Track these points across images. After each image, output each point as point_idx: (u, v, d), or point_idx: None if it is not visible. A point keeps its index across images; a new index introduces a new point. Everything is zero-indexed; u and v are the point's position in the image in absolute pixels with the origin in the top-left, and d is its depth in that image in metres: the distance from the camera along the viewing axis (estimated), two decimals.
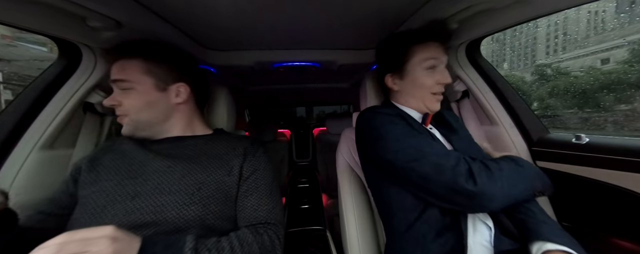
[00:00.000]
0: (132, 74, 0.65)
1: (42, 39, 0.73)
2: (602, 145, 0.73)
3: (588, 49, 18.48)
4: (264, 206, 0.63)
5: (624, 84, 13.59)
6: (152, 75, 0.67)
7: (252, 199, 0.64)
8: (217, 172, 0.63)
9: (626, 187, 0.67)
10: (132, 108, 0.65)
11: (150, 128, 0.69)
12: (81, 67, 0.81)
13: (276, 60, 1.21)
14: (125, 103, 0.65)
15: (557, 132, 0.90)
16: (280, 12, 0.76)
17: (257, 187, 0.65)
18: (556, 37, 26.82)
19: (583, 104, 13.25)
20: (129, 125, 0.66)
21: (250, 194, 0.64)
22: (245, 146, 0.70)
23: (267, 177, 0.68)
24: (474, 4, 0.67)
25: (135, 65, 0.65)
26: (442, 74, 0.72)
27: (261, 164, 0.69)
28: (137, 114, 0.66)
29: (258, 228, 0.59)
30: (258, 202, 0.64)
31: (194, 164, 0.63)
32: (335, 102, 3.00)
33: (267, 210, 0.63)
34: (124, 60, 0.66)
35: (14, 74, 6.22)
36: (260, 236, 0.57)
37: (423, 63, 0.71)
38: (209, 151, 0.67)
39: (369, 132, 0.71)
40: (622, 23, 19.81)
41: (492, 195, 0.53)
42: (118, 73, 0.65)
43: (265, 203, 0.64)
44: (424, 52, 0.71)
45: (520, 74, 23.01)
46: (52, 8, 0.58)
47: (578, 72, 16.42)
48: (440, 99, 0.74)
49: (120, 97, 0.65)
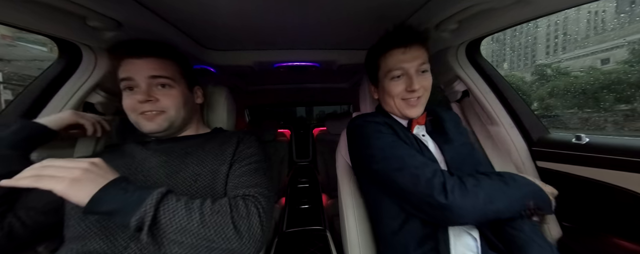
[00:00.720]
0: (174, 74, 0.69)
1: (42, 39, 0.73)
2: (602, 145, 0.73)
3: (588, 49, 18.48)
4: (246, 181, 0.61)
5: (624, 84, 13.59)
6: (186, 77, 0.73)
7: (237, 178, 0.62)
8: (212, 162, 0.64)
9: (626, 187, 0.67)
10: (172, 104, 0.68)
11: (177, 126, 0.71)
12: (81, 67, 0.81)
13: (276, 60, 1.21)
14: (163, 100, 0.66)
15: (557, 133, 0.91)
16: (280, 12, 0.76)
17: (242, 167, 0.64)
18: (556, 37, 26.87)
19: (583, 104, 13.25)
20: (165, 121, 0.67)
21: (236, 173, 0.63)
22: (239, 136, 0.73)
23: (254, 159, 0.67)
24: (474, 4, 0.67)
25: (173, 66, 0.70)
26: (409, 80, 0.69)
27: (251, 149, 0.69)
28: (176, 111, 0.68)
29: (237, 198, 0.56)
30: (241, 179, 0.62)
31: (189, 157, 0.65)
32: (335, 102, 3.00)
33: (249, 185, 0.60)
34: (160, 60, 0.67)
35: (14, 74, 6.22)
36: (236, 203, 0.54)
37: (388, 74, 0.72)
38: (204, 145, 0.69)
39: (359, 140, 0.73)
40: (622, 23, 19.84)
41: (462, 209, 0.53)
42: (160, 70, 0.66)
43: (248, 179, 0.62)
44: (387, 63, 0.71)
45: (521, 74, 23.03)
46: (52, 8, 0.58)
47: (578, 72, 16.42)
48: (416, 104, 0.71)
49: (157, 94, 0.66)
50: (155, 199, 0.46)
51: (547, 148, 0.87)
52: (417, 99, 0.71)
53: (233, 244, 0.48)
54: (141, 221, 0.44)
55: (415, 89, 0.68)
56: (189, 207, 0.48)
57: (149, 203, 0.45)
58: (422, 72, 0.70)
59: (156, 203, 0.46)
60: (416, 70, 0.69)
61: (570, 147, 0.80)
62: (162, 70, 0.67)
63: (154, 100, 0.65)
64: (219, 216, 0.49)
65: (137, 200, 0.45)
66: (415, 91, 0.69)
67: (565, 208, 0.84)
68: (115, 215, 0.45)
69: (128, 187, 0.47)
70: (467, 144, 0.78)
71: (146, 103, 0.65)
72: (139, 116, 0.66)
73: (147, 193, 0.47)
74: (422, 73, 0.71)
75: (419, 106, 0.72)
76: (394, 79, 0.71)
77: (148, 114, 0.66)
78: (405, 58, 0.68)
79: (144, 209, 0.44)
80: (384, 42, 0.73)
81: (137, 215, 0.44)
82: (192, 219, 0.47)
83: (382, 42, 0.73)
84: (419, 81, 0.69)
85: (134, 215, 0.44)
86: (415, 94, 0.69)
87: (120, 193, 0.46)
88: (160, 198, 0.47)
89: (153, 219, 0.45)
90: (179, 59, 0.73)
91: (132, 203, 0.45)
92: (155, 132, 0.68)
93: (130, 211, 0.44)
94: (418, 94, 0.70)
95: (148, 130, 0.67)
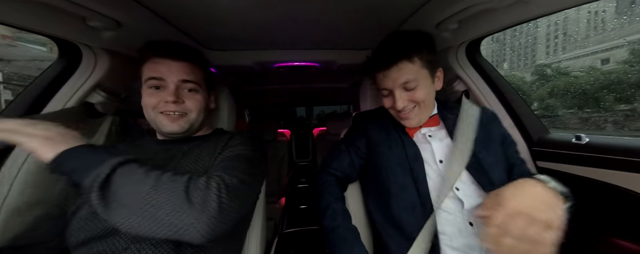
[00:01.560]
0: (200, 79, 0.71)
1: (42, 39, 0.73)
2: (602, 145, 0.73)
3: (588, 49, 18.48)
4: (222, 165, 0.59)
5: (624, 84, 13.59)
6: (208, 82, 0.76)
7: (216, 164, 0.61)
8: (205, 161, 0.65)
9: (626, 187, 0.67)
10: (195, 108, 0.69)
11: (194, 129, 0.72)
12: (81, 67, 0.81)
13: (276, 60, 1.21)
14: (188, 103, 0.68)
15: (558, 132, 0.90)
16: (280, 12, 0.76)
17: (223, 154, 0.63)
18: (556, 37, 26.87)
19: (583, 104, 13.25)
20: (186, 124, 0.69)
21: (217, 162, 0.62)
22: (233, 133, 0.73)
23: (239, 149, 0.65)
24: (474, 4, 0.67)
25: (200, 72, 0.72)
26: (393, 98, 0.69)
27: (239, 141, 0.68)
28: (197, 114, 0.70)
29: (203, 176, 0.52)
30: (219, 164, 0.59)
31: (186, 157, 0.65)
32: (335, 102, 3.00)
33: (223, 167, 0.57)
34: (192, 65, 0.69)
35: (14, 74, 6.22)
36: (198, 178, 0.50)
37: (380, 91, 0.74)
38: (202, 144, 0.70)
39: None
40: (622, 23, 19.84)
41: None
42: (190, 75, 0.68)
43: (225, 164, 0.59)
44: (376, 80, 0.74)
45: (521, 74, 23.01)
46: (52, 8, 0.58)
47: (578, 72, 16.42)
48: (408, 117, 0.71)
49: (184, 97, 0.68)
50: (116, 161, 0.46)
51: (547, 148, 0.87)
52: (410, 111, 0.70)
53: (181, 215, 0.44)
54: (94, 179, 0.44)
55: (399, 109, 0.69)
56: (148, 174, 0.47)
57: (108, 164, 0.45)
58: (410, 87, 0.67)
59: (115, 164, 0.46)
60: (402, 87, 0.68)
61: (570, 147, 0.80)
62: (192, 75, 0.68)
63: (180, 102, 0.67)
64: (174, 183, 0.47)
65: (99, 160, 0.46)
66: (401, 110, 0.70)
67: None
68: (74, 173, 0.45)
69: (96, 151, 0.48)
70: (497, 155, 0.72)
71: (173, 104, 0.65)
72: (161, 115, 0.66)
73: (111, 156, 0.47)
74: (412, 89, 0.68)
75: (414, 117, 0.72)
76: (384, 95, 0.73)
77: (171, 114, 0.67)
78: (386, 80, 0.69)
79: (101, 168, 0.45)
80: (366, 65, 0.75)
81: (93, 173, 0.44)
82: (145, 183, 0.46)
83: (366, 66, 0.76)
84: (405, 96, 0.68)
85: (89, 174, 0.44)
86: (402, 112, 0.70)
87: (86, 154, 0.47)
88: (122, 161, 0.47)
89: (106, 179, 0.44)
90: (205, 65, 0.75)
91: (94, 163, 0.46)
92: (175, 133, 0.68)
93: (87, 170, 0.45)
94: (408, 108, 0.70)
95: (168, 130, 0.67)
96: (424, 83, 0.69)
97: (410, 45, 0.67)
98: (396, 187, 0.70)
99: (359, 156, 0.80)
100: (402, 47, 0.67)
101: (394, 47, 0.68)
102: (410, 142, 0.74)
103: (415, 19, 0.82)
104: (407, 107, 0.70)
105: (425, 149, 0.73)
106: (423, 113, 0.73)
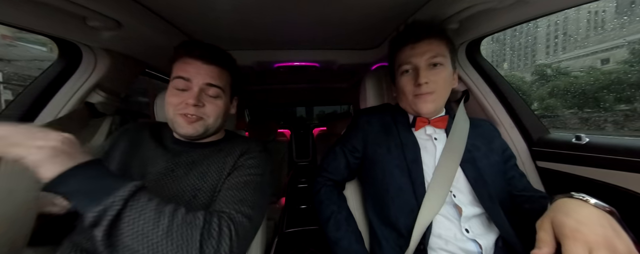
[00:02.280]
0: (225, 85, 0.69)
1: (42, 39, 0.73)
2: (602, 145, 0.73)
3: (588, 49, 18.47)
4: (232, 196, 0.57)
5: (624, 84, 13.58)
6: (234, 87, 0.75)
7: (225, 190, 0.59)
8: (213, 177, 0.63)
9: (626, 187, 0.67)
10: (214, 113, 0.67)
11: (209, 133, 0.70)
12: (81, 67, 0.81)
13: (276, 60, 1.21)
14: (208, 107, 0.66)
15: (558, 132, 0.90)
16: (280, 12, 0.76)
17: (234, 178, 0.62)
18: (556, 37, 26.86)
19: (583, 104, 13.23)
20: (202, 127, 0.67)
21: (226, 185, 0.61)
22: (244, 146, 0.70)
23: (251, 172, 0.64)
24: (474, 4, 0.67)
25: (228, 77, 0.70)
26: (417, 74, 0.68)
27: (251, 160, 0.67)
28: (215, 119, 0.68)
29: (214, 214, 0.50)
30: (228, 193, 0.58)
31: (193, 169, 0.64)
32: (335, 102, 3.00)
33: (233, 200, 0.56)
34: (220, 69, 0.67)
35: (14, 74, 6.21)
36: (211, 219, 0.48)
37: (399, 69, 0.73)
38: (211, 156, 0.68)
39: None
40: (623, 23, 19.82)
41: None
42: (216, 79, 0.66)
43: (234, 193, 0.57)
44: (398, 58, 0.73)
45: (521, 74, 23.00)
46: (52, 8, 0.58)
47: (578, 72, 16.40)
48: (427, 99, 0.69)
49: (205, 101, 0.66)
50: (129, 192, 0.40)
51: (547, 148, 0.87)
52: (429, 94, 0.68)
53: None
54: (102, 214, 0.38)
55: (422, 83, 0.66)
56: (160, 210, 0.43)
57: (119, 195, 0.39)
58: (433, 65, 0.68)
59: (128, 197, 0.40)
60: (426, 63, 0.68)
61: (570, 147, 0.79)
62: (218, 79, 0.67)
63: (200, 105, 0.65)
64: (188, 228, 0.44)
65: (107, 187, 0.40)
66: (422, 85, 0.67)
67: None
68: (76, 197, 0.39)
69: (100, 171, 0.42)
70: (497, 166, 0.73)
71: (193, 107, 0.64)
72: (179, 115, 0.65)
73: (120, 182, 0.41)
74: (434, 67, 0.68)
75: (431, 101, 0.69)
76: (404, 73, 0.71)
77: (190, 117, 0.65)
78: (414, 53, 0.68)
79: (112, 200, 0.39)
80: (396, 40, 0.74)
81: (101, 206, 0.38)
82: (159, 224, 0.42)
83: (395, 40, 0.74)
84: (428, 75, 0.67)
85: (97, 205, 0.38)
86: (423, 88, 0.67)
87: (95, 174, 0.41)
88: (133, 191, 0.41)
89: (117, 216, 0.39)
90: (234, 70, 0.73)
91: (101, 190, 0.39)
92: (189, 136, 0.67)
93: (95, 200, 0.38)
94: (428, 88, 0.67)
95: (183, 132, 0.66)
96: (447, 69, 0.70)
97: (438, 28, 0.71)
98: (393, 190, 0.70)
99: (354, 157, 0.80)
100: (432, 26, 0.70)
101: (426, 24, 0.71)
102: (409, 143, 0.73)
103: (416, 19, 0.82)
104: (429, 85, 0.67)
105: (427, 149, 0.72)
106: (439, 101, 0.71)
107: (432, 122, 0.73)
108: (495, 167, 0.71)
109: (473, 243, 0.64)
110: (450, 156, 0.69)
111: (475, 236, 0.64)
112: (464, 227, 0.65)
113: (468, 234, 0.64)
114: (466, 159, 0.69)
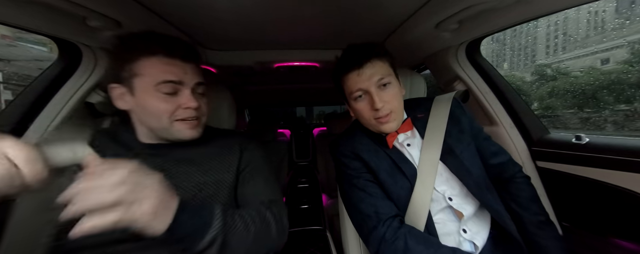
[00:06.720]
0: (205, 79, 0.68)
1: (42, 39, 0.73)
2: (602, 145, 0.73)
3: (588, 49, 18.48)
4: (261, 191, 0.67)
5: (624, 84, 13.58)
6: None
7: (250, 187, 0.67)
8: (216, 172, 0.64)
9: (626, 187, 0.67)
10: (206, 111, 0.68)
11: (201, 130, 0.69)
12: (81, 67, 0.81)
13: (276, 60, 1.21)
14: (202, 106, 0.65)
15: (557, 132, 0.91)
16: (280, 12, 0.76)
17: (253, 176, 0.68)
18: (556, 37, 26.92)
19: (583, 104, 13.23)
20: (201, 128, 0.66)
21: (247, 183, 0.67)
22: (240, 141, 0.73)
23: (261, 166, 0.72)
24: (474, 4, 0.67)
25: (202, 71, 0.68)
26: (371, 99, 0.67)
27: (255, 155, 0.73)
28: (206, 117, 0.69)
29: (262, 207, 0.61)
30: (255, 189, 0.67)
31: (192, 166, 0.63)
32: (335, 102, 2.99)
33: (265, 194, 0.66)
34: (197, 65, 0.65)
35: (14, 74, 6.21)
36: (271, 211, 0.60)
37: (351, 95, 0.71)
38: (205, 152, 0.67)
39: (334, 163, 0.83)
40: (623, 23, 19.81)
41: None
42: (200, 76, 0.65)
43: (262, 188, 0.67)
44: (347, 85, 0.71)
45: (521, 74, 23.02)
46: (52, 8, 0.58)
47: (578, 72, 16.41)
48: (387, 120, 0.69)
49: (198, 101, 0.63)
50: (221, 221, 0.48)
51: (547, 148, 0.87)
52: (388, 115, 0.68)
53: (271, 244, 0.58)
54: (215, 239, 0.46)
55: (378, 108, 0.66)
56: (244, 221, 0.53)
57: (216, 226, 0.47)
58: (383, 85, 0.68)
59: (223, 226, 0.48)
60: (376, 86, 0.67)
61: (570, 147, 0.80)
62: (201, 76, 0.65)
63: (198, 106, 0.63)
64: (265, 225, 0.57)
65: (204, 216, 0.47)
66: (379, 109, 0.67)
67: (565, 208, 0.84)
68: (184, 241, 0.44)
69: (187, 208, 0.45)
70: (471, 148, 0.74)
71: (194, 110, 0.61)
72: (177, 122, 0.60)
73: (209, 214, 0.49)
74: (384, 87, 0.68)
75: (393, 120, 0.69)
76: (358, 99, 0.70)
77: (190, 121, 0.62)
78: (361, 78, 0.67)
79: (215, 233, 0.47)
80: (338, 66, 0.73)
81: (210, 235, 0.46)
82: (249, 232, 0.53)
83: (337, 67, 0.73)
84: (382, 96, 0.67)
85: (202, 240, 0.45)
86: (382, 111, 0.67)
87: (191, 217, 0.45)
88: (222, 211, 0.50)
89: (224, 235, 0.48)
90: None
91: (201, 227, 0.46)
92: (193, 139, 0.64)
93: (200, 237, 0.45)
94: (385, 110, 0.67)
95: (186, 137, 0.62)
96: (396, 85, 0.70)
97: (377, 48, 0.70)
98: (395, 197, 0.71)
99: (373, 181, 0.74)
100: (371, 48, 0.69)
101: (362, 49, 0.69)
102: (396, 155, 0.73)
103: (415, 19, 0.82)
104: (385, 107, 0.67)
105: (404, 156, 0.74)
106: (398, 116, 0.71)
107: (400, 131, 0.74)
108: (470, 149, 0.73)
109: (469, 243, 0.66)
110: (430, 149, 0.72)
111: (472, 236, 0.66)
112: (461, 227, 0.67)
113: (465, 234, 0.66)
114: (444, 151, 0.70)
